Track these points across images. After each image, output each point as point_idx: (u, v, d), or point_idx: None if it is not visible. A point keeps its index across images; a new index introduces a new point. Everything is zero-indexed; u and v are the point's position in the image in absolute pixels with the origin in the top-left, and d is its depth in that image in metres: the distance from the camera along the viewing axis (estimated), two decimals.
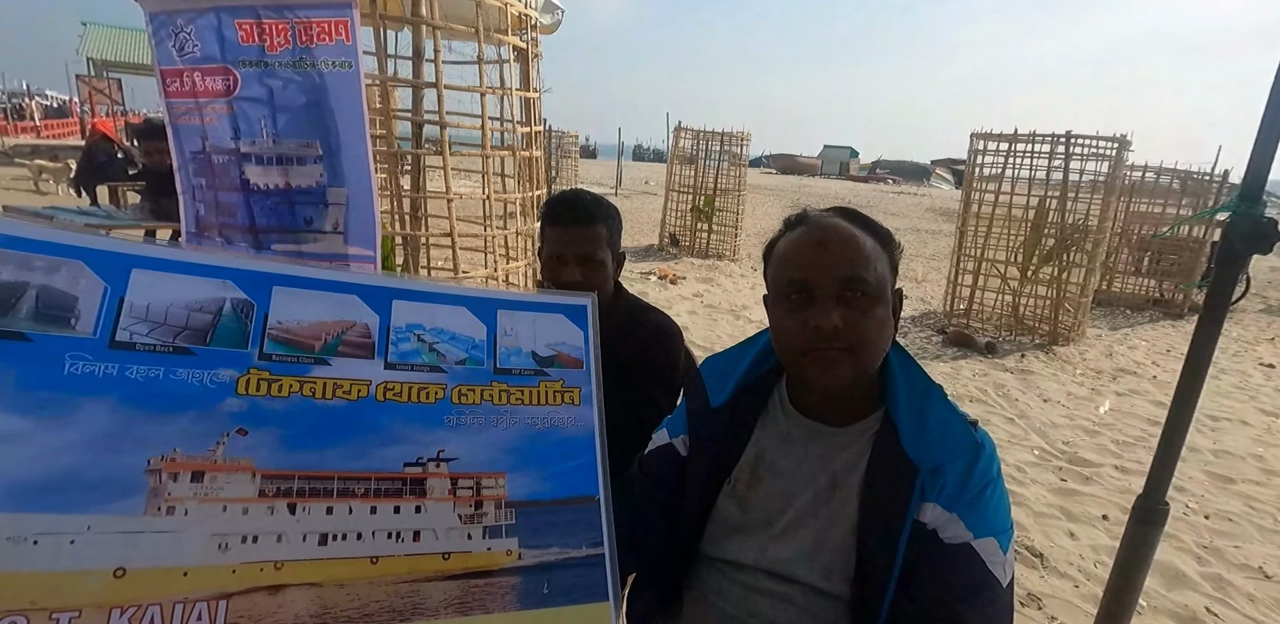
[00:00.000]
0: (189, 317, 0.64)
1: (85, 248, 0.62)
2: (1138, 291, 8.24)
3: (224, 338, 0.65)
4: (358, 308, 0.72)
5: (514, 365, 0.77)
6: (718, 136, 9.33)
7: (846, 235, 0.87)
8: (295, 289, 0.70)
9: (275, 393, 0.65)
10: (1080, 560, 2.49)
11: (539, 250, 1.47)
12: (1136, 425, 4.03)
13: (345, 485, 0.65)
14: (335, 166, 1.79)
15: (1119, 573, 1.30)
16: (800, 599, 0.91)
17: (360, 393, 0.68)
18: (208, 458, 0.61)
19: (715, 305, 6.40)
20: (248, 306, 0.67)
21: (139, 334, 0.62)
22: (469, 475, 0.70)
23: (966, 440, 0.86)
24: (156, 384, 0.61)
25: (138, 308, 0.63)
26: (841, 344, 0.83)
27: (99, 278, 0.62)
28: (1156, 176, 8.35)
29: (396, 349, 0.72)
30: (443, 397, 0.71)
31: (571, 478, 0.74)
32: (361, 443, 0.67)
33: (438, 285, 0.79)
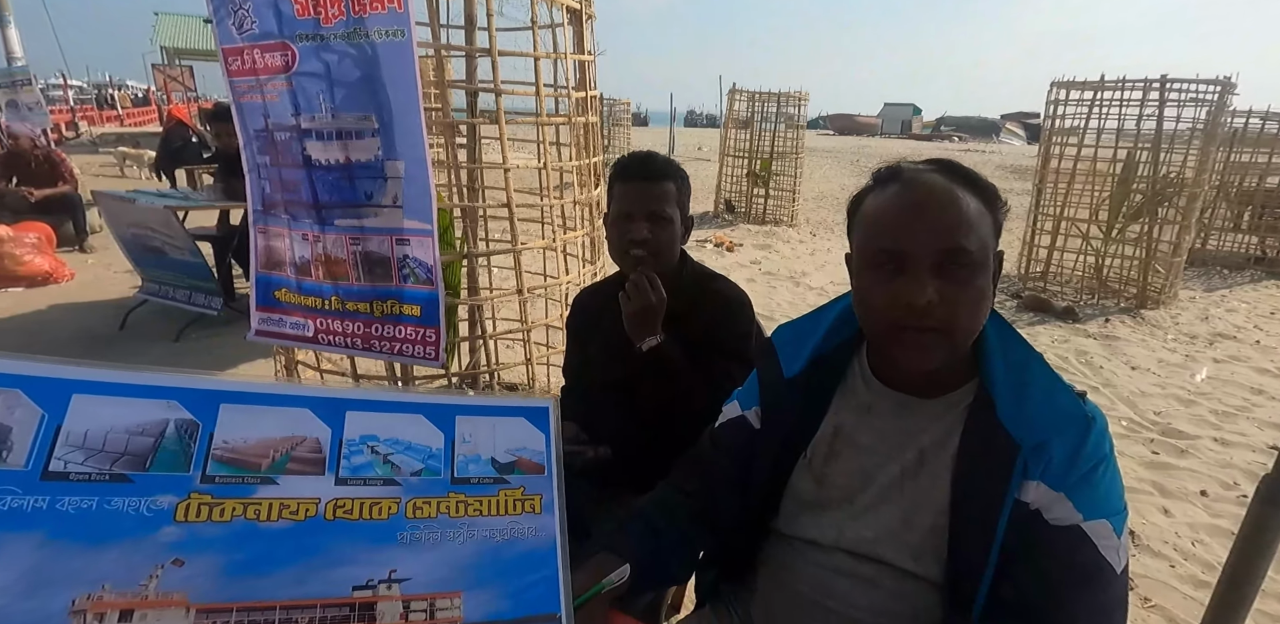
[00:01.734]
0: (128, 441, 0.61)
1: (23, 376, 0.60)
2: (1236, 249, 7.59)
3: (165, 462, 0.61)
4: (309, 422, 0.68)
5: (472, 474, 0.72)
6: (774, 98, 8.99)
7: (947, 198, 0.77)
8: (244, 406, 0.67)
9: (216, 517, 0.61)
10: (1176, 539, 2.34)
11: (605, 214, 1.43)
12: (1238, 394, 3.74)
13: (288, 616, 0.60)
14: (390, 139, 1.78)
15: (1238, 559, 1.19)
16: (887, 582, 0.86)
17: (308, 512, 0.64)
18: (139, 593, 0.56)
19: (774, 272, 6.26)
20: (192, 427, 0.64)
21: (74, 463, 0.58)
22: (423, 597, 0.65)
23: (1075, 413, 0.78)
24: (88, 516, 0.57)
25: (75, 435, 0.59)
26: (934, 322, 0.75)
27: (36, 406, 0.59)
28: (1262, 122, 7.58)
29: (349, 463, 0.68)
30: (396, 511, 0.67)
31: (531, 594, 0.69)
32: (307, 567, 0.62)
33: (393, 394, 0.75)
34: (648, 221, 1.33)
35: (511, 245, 2.24)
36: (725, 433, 1.04)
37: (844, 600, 0.89)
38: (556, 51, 2.21)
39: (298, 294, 1.93)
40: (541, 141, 2.25)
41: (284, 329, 1.98)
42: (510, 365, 2.55)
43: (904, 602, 0.86)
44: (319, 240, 1.85)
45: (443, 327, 1.83)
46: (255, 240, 1.99)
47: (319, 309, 1.91)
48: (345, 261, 1.84)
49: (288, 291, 1.96)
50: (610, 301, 1.42)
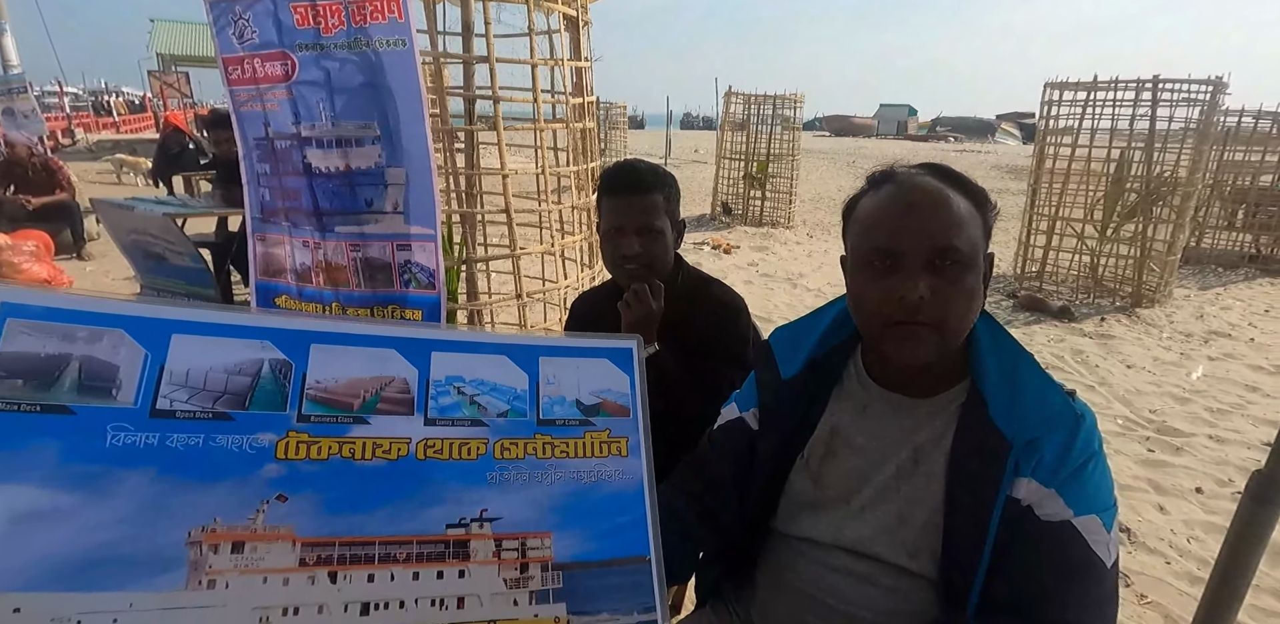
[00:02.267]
0: (228, 380, 0.64)
1: (125, 316, 0.62)
2: (1231, 248, 7.63)
3: (262, 401, 0.64)
4: (396, 362, 0.70)
5: (557, 416, 0.73)
6: (770, 100, 9.03)
7: (938, 198, 0.80)
8: (333, 346, 0.69)
9: (314, 456, 0.64)
10: (1171, 536, 2.37)
11: (597, 224, 1.45)
12: (1233, 392, 3.77)
13: (386, 551, 0.63)
14: (394, 146, 1.80)
15: (1229, 555, 1.21)
16: (883, 579, 0.88)
17: (400, 452, 0.66)
18: (247, 527, 0.60)
19: (771, 274, 6.28)
20: (286, 367, 0.66)
21: (179, 401, 0.62)
22: (514, 536, 0.67)
23: (1065, 411, 0.80)
24: (196, 452, 0.60)
25: (177, 374, 0.62)
26: (926, 317, 0.77)
27: (140, 346, 0.62)
28: (1255, 121, 7.63)
29: (436, 403, 0.70)
30: (485, 452, 0.69)
31: (621, 536, 0.71)
32: (402, 504, 0.65)
33: (478, 334, 0.79)
34: (638, 236, 1.33)
35: (510, 250, 2.26)
36: (724, 435, 1.06)
37: (842, 598, 0.90)
38: (554, 58, 2.24)
39: (298, 301, 1.95)
40: (539, 147, 2.27)
41: None
42: None
43: (901, 598, 0.88)
44: (319, 247, 1.87)
45: None
46: (254, 248, 2.01)
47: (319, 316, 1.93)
48: (346, 268, 1.86)
49: (288, 298, 1.97)
50: (607, 307, 1.44)
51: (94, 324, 0.61)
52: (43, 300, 0.61)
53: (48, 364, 0.59)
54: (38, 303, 0.60)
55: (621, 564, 0.69)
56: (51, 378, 0.59)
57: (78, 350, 0.60)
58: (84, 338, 0.60)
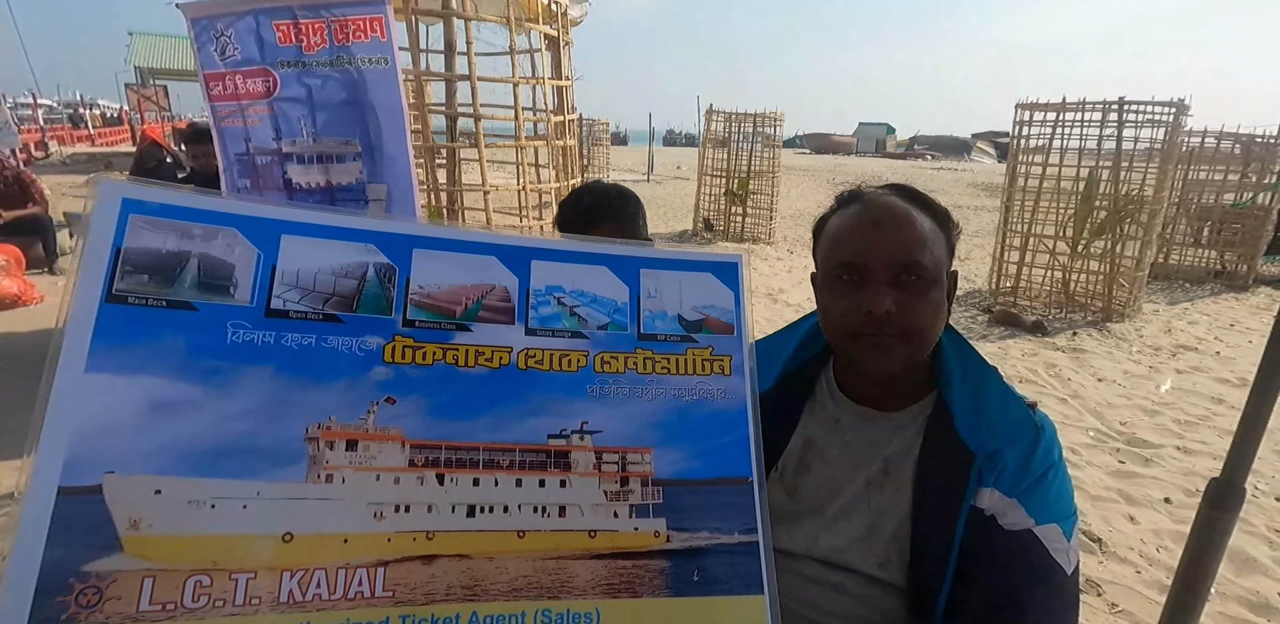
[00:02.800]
0: (336, 283, 0.65)
1: (237, 215, 0.64)
2: (1197, 264, 7.85)
3: (369, 304, 0.65)
4: (497, 269, 0.70)
5: (659, 331, 0.73)
6: (750, 118, 9.17)
7: (903, 216, 0.83)
8: (435, 251, 0.69)
9: (419, 360, 0.65)
10: (1141, 545, 2.41)
11: None
12: (1199, 404, 3.86)
13: (490, 457, 0.65)
14: (375, 163, 1.82)
15: (1190, 561, 1.24)
16: (855, 589, 0.90)
17: (502, 360, 0.67)
18: (360, 427, 0.62)
19: (752, 290, 6.33)
20: (390, 271, 0.67)
21: (291, 302, 0.63)
22: (614, 449, 0.68)
23: (1026, 423, 0.83)
24: (310, 352, 0.62)
25: (289, 275, 0.64)
26: (893, 330, 0.80)
27: (252, 245, 0.63)
28: (1217, 142, 7.90)
29: (537, 313, 0.70)
30: (585, 364, 0.69)
31: (722, 456, 0.70)
32: (505, 413, 0.66)
33: (579, 243, 0.76)
34: None
35: None
36: None
37: (816, 607, 0.92)
38: (535, 76, 2.27)
39: None
40: (521, 163, 2.30)
41: None
42: None
43: (871, 607, 0.89)
44: None
45: None
46: None
47: None
48: None
49: None
50: None
51: (209, 222, 0.62)
52: (160, 197, 0.62)
53: (169, 260, 0.61)
54: (155, 199, 0.62)
55: (723, 484, 0.69)
56: (174, 274, 0.61)
57: (195, 248, 0.61)
58: (200, 235, 0.62)
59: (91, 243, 0.60)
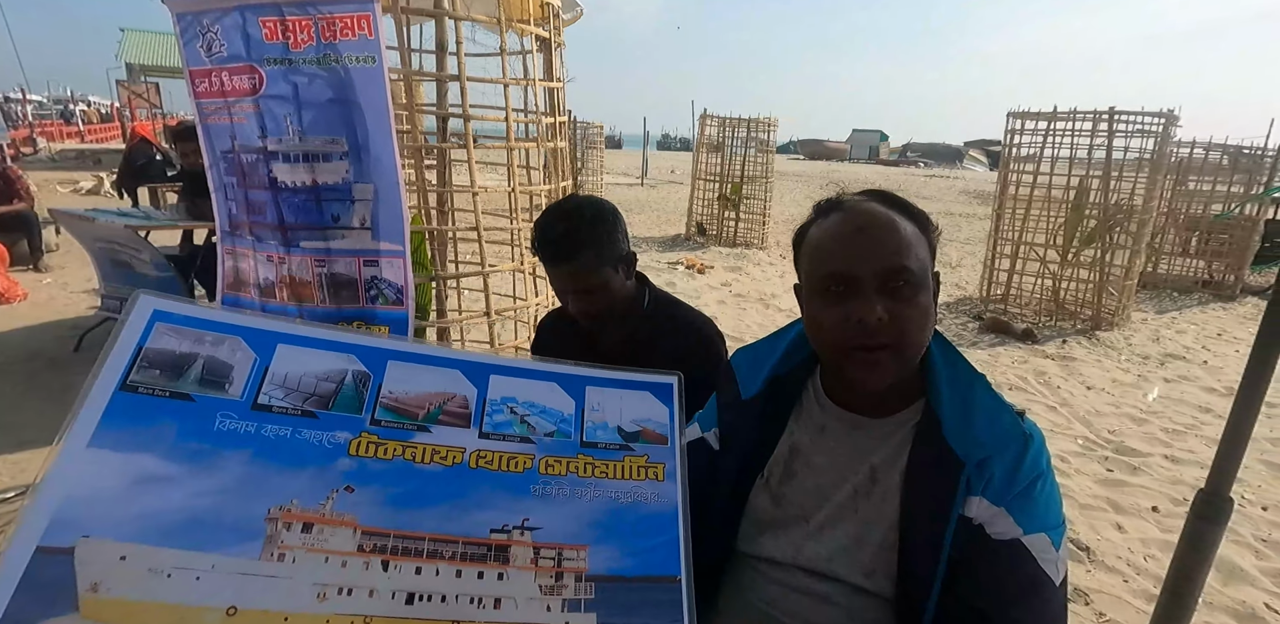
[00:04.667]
0: (317, 385, 0.74)
1: (244, 326, 0.75)
2: (1185, 273, 7.91)
3: (343, 404, 0.74)
4: (459, 381, 0.79)
5: (600, 439, 0.80)
6: (744, 123, 9.19)
7: (886, 222, 0.82)
8: (407, 363, 0.78)
9: (381, 455, 0.72)
10: (1129, 554, 2.41)
11: None
12: (1187, 413, 3.88)
13: (435, 547, 0.69)
14: (362, 162, 1.80)
15: (1177, 572, 1.24)
16: (841, 598, 0.88)
17: (455, 459, 0.74)
18: (318, 511, 0.67)
19: (744, 294, 6.34)
20: (365, 377, 0.76)
21: (276, 398, 0.72)
22: (551, 545, 0.72)
23: (1014, 431, 0.82)
24: (285, 442, 0.70)
25: (278, 376, 0.73)
26: (886, 338, 0.79)
27: (252, 350, 0.73)
28: (1205, 153, 7.98)
29: (491, 420, 0.78)
30: (530, 466, 0.75)
31: (653, 555, 0.76)
32: (453, 507, 0.71)
33: (534, 363, 0.86)
34: (582, 295, 1.31)
35: (480, 267, 2.25)
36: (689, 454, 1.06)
37: (800, 618, 0.90)
38: (525, 78, 2.26)
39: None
40: (511, 165, 2.28)
41: None
42: None
43: (857, 618, 0.87)
44: (284, 262, 1.84)
45: None
46: (222, 260, 1.97)
47: None
48: (311, 283, 1.83)
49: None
50: (570, 328, 1.43)
51: (220, 331, 0.74)
52: (185, 310, 0.74)
53: (180, 360, 0.71)
54: (180, 312, 0.74)
55: (653, 582, 0.74)
56: (181, 371, 0.71)
57: (204, 351, 0.72)
58: (210, 341, 0.73)
59: (120, 340, 0.71)
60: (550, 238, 1.30)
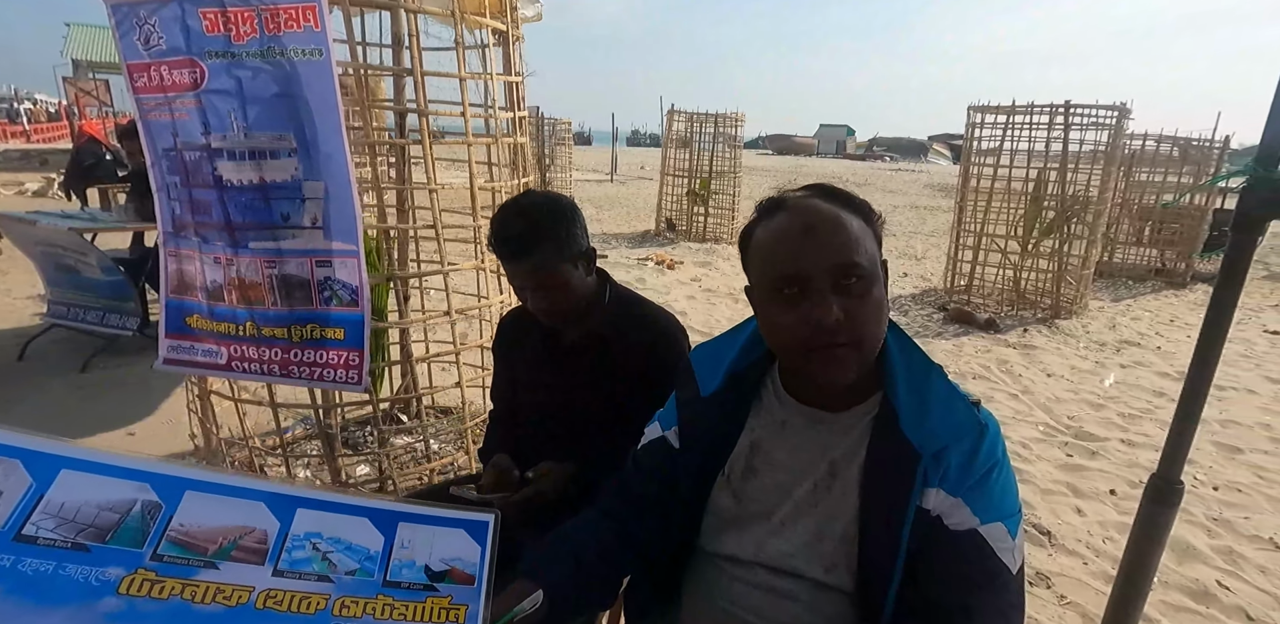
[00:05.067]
0: (97, 515, 0.67)
1: (24, 448, 0.67)
2: (1140, 262, 8.17)
3: (123, 537, 0.66)
4: (261, 514, 0.73)
5: (404, 578, 0.75)
6: (711, 118, 9.21)
7: (832, 218, 0.81)
8: (206, 494, 0.72)
9: (155, 594, 0.64)
10: (1089, 537, 2.47)
11: None
12: (1142, 397, 4.00)
13: None
14: (311, 159, 1.74)
15: (1132, 554, 1.26)
16: (803, 594, 0.88)
17: (240, 599, 0.67)
18: None
19: (713, 289, 6.35)
20: (156, 508, 0.69)
21: (44, 529, 0.64)
22: None
23: (970, 421, 0.82)
24: (44, 578, 0.62)
25: (53, 504, 0.65)
26: (845, 338, 0.78)
27: (28, 475, 0.66)
28: (1156, 144, 8.24)
29: (289, 556, 0.72)
30: (324, 607, 0.69)
31: None
32: None
33: (346, 497, 0.80)
34: (540, 291, 1.29)
35: (440, 266, 2.20)
36: (646, 454, 1.05)
37: (763, 615, 0.90)
38: (484, 73, 2.21)
39: (210, 320, 1.84)
40: (470, 161, 2.24)
41: (195, 357, 1.88)
42: (444, 388, 2.49)
43: (819, 614, 0.87)
44: (232, 263, 1.78)
45: (367, 350, 1.78)
46: (165, 263, 1.90)
47: (232, 335, 1.82)
48: (261, 285, 1.77)
49: (199, 317, 1.87)
50: (532, 325, 1.41)
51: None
52: None
53: None
54: None
55: None
56: None
57: None
58: None
59: None
60: (507, 235, 1.27)
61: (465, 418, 2.29)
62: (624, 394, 1.34)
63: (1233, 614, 2.08)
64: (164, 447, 2.76)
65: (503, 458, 1.36)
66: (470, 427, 2.33)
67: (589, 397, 1.39)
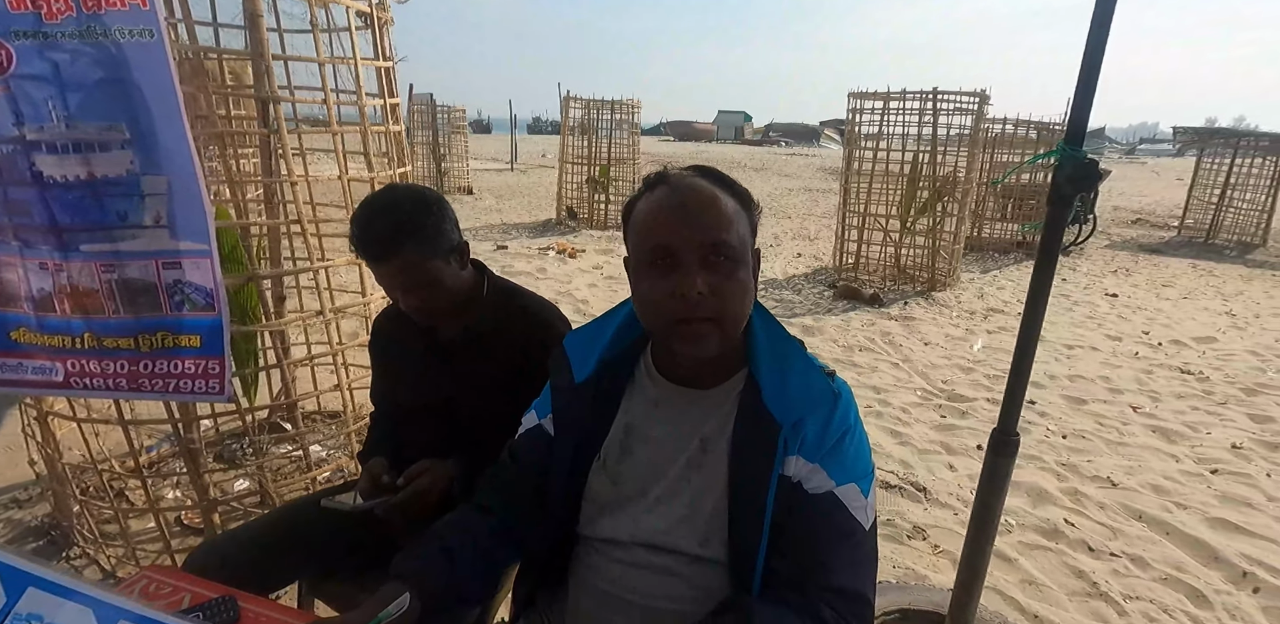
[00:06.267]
0: None
1: None
2: (1004, 236, 8.93)
3: None
4: None
5: None
6: (609, 105, 9.19)
7: (709, 197, 0.84)
8: None
9: None
10: (959, 490, 2.70)
11: None
12: (1005, 360, 4.33)
13: None
14: (150, 151, 1.58)
15: (980, 503, 1.40)
16: (681, 568, 0.91)
17: None
18: None
19: (615, 276, 6.38)
20: None
21: None
22: None
23: (825, 391, 0.87)
24: None
25: None
26: (707, 312, 0.81)
27: None
28: (1015, 128, 8.99)
29: None
30: None
31: None
32: None
33: (84, 584, 0.73)
34: (410, 292, 1.25)
35: (309, 263, 2.08)
36: (523, 443, 1.05)
37: (643, 593, 0.92)
38: (346, 56, 2.10)
39: (39, 333, 1.65)
40: (338, 151, 2.12)
41: (25, 376, 1.68)
42: (324, 392, 2.37)
43: (696, 586, 0.91)
44: (61, 269, 1.60)
45: (228, 356, 1.66)
46: None
47: (68, 349, 1.65)
48: (98, 292, 1.60)
49: (27, 331, 1.67)
50: (409, 323, 1.36)
51: None
52: None
53: None
54: None
55: None
56: None
57: None
58: None
59: None
60: (369, 236, 1.21)
61: (350, 422, 2.19)
62: (508, 388, 1.32)
63: (1077, 547, 2.34)
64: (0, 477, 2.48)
65: (378, 462, 1.31)
66: (355, 430, 2.23)
67: (472, 393, 1.36)
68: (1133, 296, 6.39)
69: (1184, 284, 7.07)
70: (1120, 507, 2.61)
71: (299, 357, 2.37)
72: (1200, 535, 2.40)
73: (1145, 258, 8.65)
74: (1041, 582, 2.13)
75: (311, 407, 3.03)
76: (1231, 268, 8.16)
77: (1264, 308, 6.13)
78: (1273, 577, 2.18)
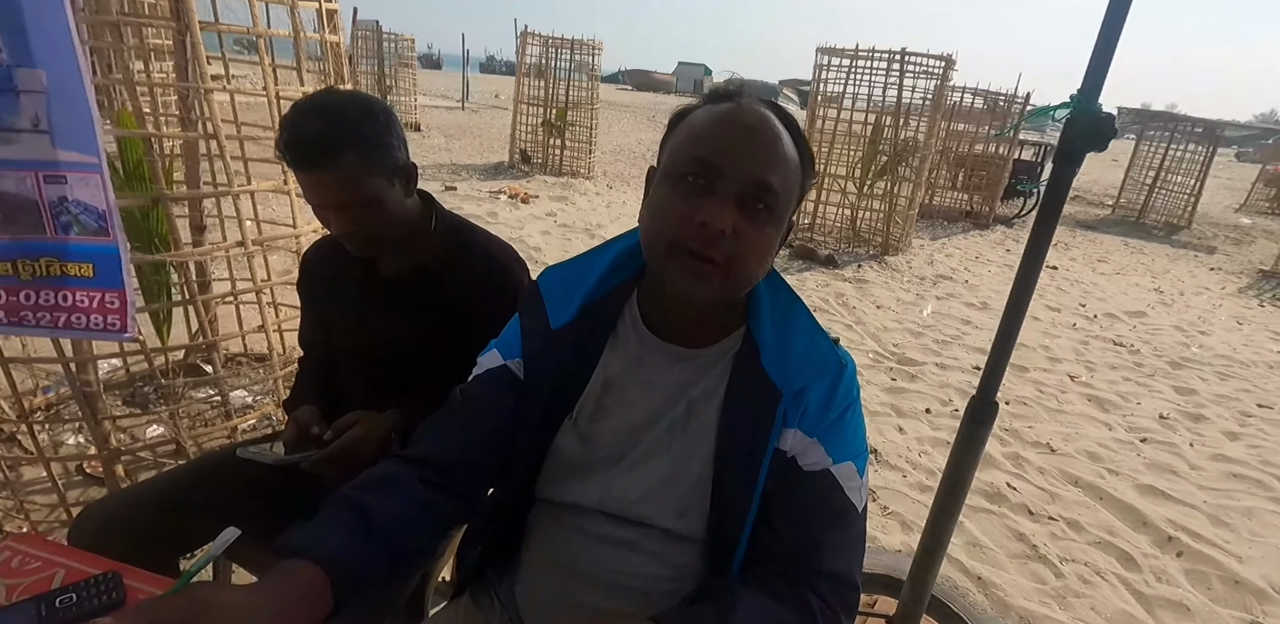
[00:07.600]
0: None
1: None
2: (954, 205, 9.08)
3: None
4: None
5: None
6: (568, 44, 8.69)
7: (775, 132, 0.72)
8: None
9: None
10: (907, 452, 2.73)
11: None
12: (953, 325, 4.47)
13: None
14: (22, 39, 1.30)
15: (952, 470, 1.35)
16: (650, 544, 0.81)
17: None
18: None
19: (570, 225, 6.16)
20: None
21: None
22: None
23: (830, 359, 0.78)
24: None
25: None
26: (719, 254, 0.69)
27: None
28: (972, 98, 9.03)
29: None
30: None
31: None
32: None
33: None
34: (343, 212, 1.07)
35: (229, 187, 1.83)
36: (482, 386, 0.87)
37: (606, 567, 0.82)
38: None
39: None
40: (263, 62, 1.84)
41: None
42: (250, 332, 2.15)
43: (665, 564, 0.82)
44: None
45: (129, 289, 1.43)
46: None
47: None
48: None
49: None
50: (345, 257, 1.18)
51: None
52: None
53: None
54: None
55: None
56: None
57: None
58: None
59: None
60: (300, 137, 1.01)
61: (278, 366, 1.99)
62: (454, 333, 1.17)
63: (1018, 511, 2.41)
64: None
65: (309, 410, 1.16)
66: (284, 375, 2.04)
67: (414, 337, 1.21)
68: (1070, 269, 6.63)
69: (1117, 260, 7.38)
70: (1058, 472, 2.70)
71: (221, 292, 2.12)
72: (1130, 501, 2.50)
73: (1082, 233, 8.98)
74: (985, 544, 2.17)
75: (237, 349, 2.78)
76: (1159, 247, 8.58)
77: (1188, 286, 6.47)
78: (1194, 541, 2.29)
